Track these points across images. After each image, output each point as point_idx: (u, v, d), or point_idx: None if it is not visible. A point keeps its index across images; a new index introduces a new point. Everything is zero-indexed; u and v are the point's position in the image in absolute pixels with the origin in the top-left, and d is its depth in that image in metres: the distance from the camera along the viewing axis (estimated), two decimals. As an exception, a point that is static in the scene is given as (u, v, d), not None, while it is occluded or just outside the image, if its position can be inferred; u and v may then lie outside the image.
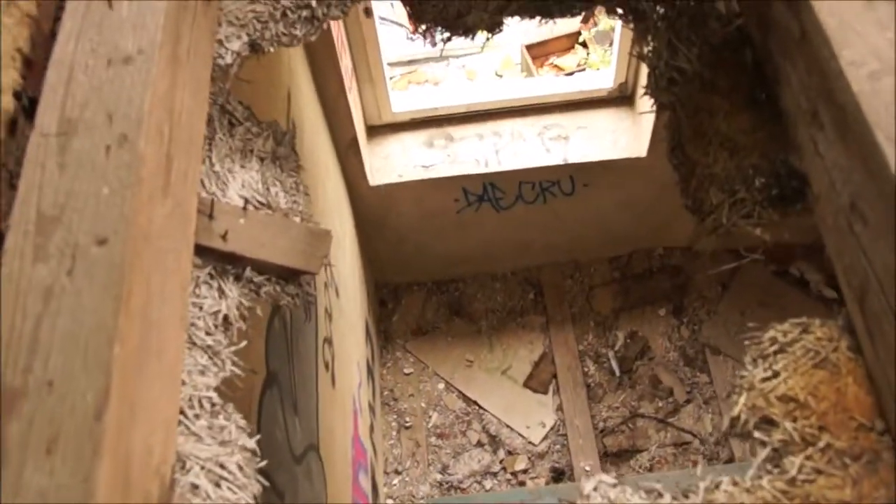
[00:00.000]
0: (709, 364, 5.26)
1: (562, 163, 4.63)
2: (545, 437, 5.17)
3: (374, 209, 4.86)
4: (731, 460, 4.97)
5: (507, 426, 5.21)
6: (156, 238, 1.08)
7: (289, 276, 1.48)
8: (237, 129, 1.64)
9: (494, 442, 5.18)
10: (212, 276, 1.40)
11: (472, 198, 4.88)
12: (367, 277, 5.13)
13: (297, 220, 1.58)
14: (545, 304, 5.59)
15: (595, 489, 1.09)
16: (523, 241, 5.39)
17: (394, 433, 5.26)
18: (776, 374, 1.15)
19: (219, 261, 1.42)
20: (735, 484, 1.07)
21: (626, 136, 4.69)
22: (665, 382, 5.26)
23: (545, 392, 5.32)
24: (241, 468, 1.27)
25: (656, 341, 5.41)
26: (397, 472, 5.12)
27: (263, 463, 1.38)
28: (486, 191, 4.84)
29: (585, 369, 5.35)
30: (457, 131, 4.78)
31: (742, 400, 1.13)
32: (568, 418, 5.17)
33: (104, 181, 1.06)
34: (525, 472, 5.09)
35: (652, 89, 1.77)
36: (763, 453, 1.09)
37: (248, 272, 1.44)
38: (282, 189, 1.60)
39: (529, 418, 5.24)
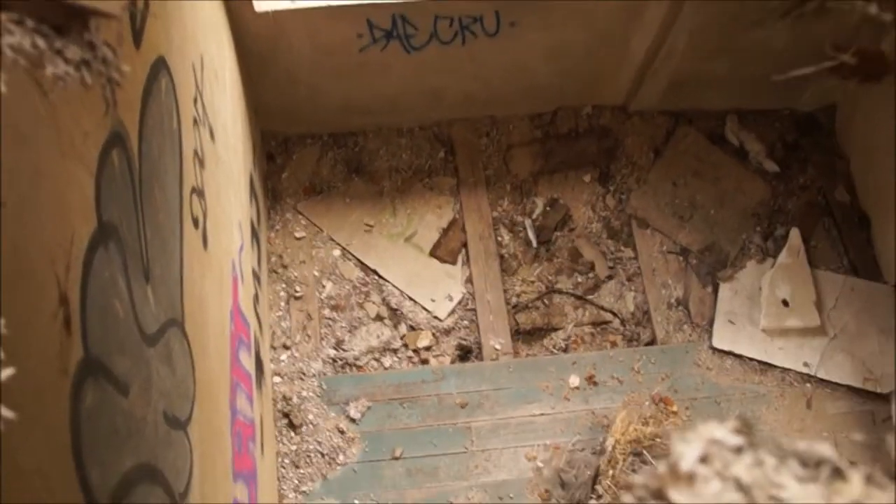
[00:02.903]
0: (635, 238, 4.81)
1: (487, -7, 3.98)
2: (452, 312, 4.73)
3: (259, 41, 4.15)
4: (651, 342, 4.58)
5: (410, 299, 4.74)
6: None
7: (65, 20, 0.78)
8: None
9: (395, 316, 4.70)
10: None
11: (378, 33, 4.21)
12: (252, 125, 4.44)
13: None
14: (457, 164, 5.03)
15: (703, 459, 0.48)
16: (435, 89, 4.75)
17: (282, 304, 4.72)
18: None
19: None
20: None
21: (563, -34, 4.05)
22: (586, 256, 4.79)
23: (454, 262, 4.82)
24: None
25: (579, 210, 4.91)
26: (286, 347, 4.62)
27: (10, 371, 0.72)
28: (396, 25, 4.15)
29: (499, 239, 4.86)
30: (363, -49, 4.06)
31: None
32: (478, 292, 4.71)
33: None
34: (428, 349, 4.64)
35: None
36: None
37: (-23, 4, 0.74)
38: None
39: (435, 291, 4.76)
